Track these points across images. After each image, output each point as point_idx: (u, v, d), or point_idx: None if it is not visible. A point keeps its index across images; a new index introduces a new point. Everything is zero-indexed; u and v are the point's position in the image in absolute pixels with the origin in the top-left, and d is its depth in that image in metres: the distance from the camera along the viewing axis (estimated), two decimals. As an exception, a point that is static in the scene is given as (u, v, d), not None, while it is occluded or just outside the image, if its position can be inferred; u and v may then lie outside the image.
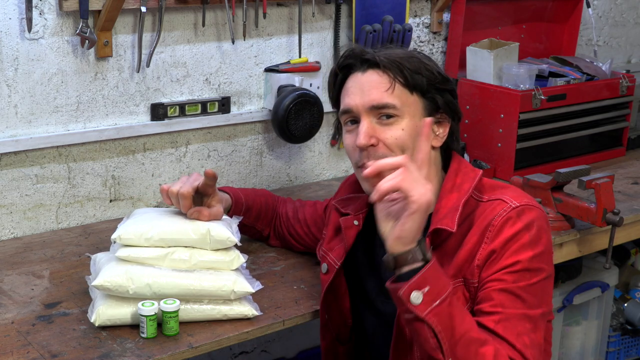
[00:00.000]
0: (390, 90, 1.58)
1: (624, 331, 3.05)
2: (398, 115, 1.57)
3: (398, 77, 1.58)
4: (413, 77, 1.58)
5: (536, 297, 1.47)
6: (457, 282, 1.51)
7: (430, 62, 1.63)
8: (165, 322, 1.65)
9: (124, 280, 1.65)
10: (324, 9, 2.69)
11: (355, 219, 1.72)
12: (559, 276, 2.67)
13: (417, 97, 1.59)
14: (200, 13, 2.39)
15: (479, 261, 1.49)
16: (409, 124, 1.58)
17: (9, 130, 2.17)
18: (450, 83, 1.65)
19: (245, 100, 2.58)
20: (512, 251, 1.47)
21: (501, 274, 1.47)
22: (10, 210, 2.22)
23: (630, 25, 3.70)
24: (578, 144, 2.95)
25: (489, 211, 1.53)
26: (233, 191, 1.98)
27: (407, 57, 1.61)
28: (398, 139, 1.57)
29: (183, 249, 1.72)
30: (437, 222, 1.54)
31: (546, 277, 1.50)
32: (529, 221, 1.49)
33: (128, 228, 1.72)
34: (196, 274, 1.70)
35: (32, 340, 1.64)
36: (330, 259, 1.74)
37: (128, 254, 1.69)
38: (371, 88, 1.59)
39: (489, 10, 3.06)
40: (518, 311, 1.45)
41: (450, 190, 1.59)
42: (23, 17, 2.10)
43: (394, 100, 1.57)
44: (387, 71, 1.59)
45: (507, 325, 1.44)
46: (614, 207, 2.20)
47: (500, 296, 1.46)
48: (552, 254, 1.55)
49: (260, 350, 2.82)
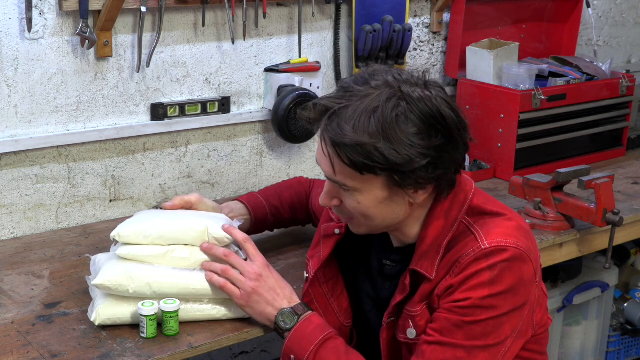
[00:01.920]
0: (334, 171, 1.46)
1: (624, 331, 3.05)
2: (352, 189, 1.48)
3: (339, 158, 1.43)
4: (355, 162, 1.41)
5: (484, 329, 1.46)
6: (422, 306, 1.54)
7: (394, 139, 1.38)
8: (165, 322, 1.65)
9: (124, 279, 1.65)
10: (324, 9, 2.68)
11: (337, 227, 1.69)
12: (559, 276, 2.67)
13: (370, 175, 1.44)
14: (200, 13, 2.39)
15: (439, 291, 1.51)
16: (366, 198, 1.48)
17: (9, 130, 2.17)
18: (426, 156, 1.40)
19: (245, 100, 2.58)
20: (468, 287, 1.46)
21: (452, 305, 1.48)
22: (10, 210, 2.22)
23: (630, 25, 3.70)
24: (578, 144, 2.95)
25: (461, 245, 1.50)
26: (250, 200, 2.00)
27: (354, 141, 1.39)
28: (356, 209, 1.51)
29: (183, 247, 1.72)
30: (417, 261, 1.53)
31: (501, 314, 1.46)
32: (494, 262, 1.45)
33: (127, 226, 1.72)
34: (196, 273, 1.70)
35: (32, 340, 1.64)
36: (309, 267, 1.74)
37: (128, 252, 1.69)
38: (321, 160, 1.49)
39: (489, 10, 3.06)
40: (453, 340, 1.46)
41: (438, 216, 1.54)
42: (23, 17, 2.10)
43: (340, 179, 1.47)
44: (329, 151, 1.45)
45: (436, 349, 1.47)
46: (614, 207, 2.20)
47: (443, 323, 1.48)
48: (521, 291, 1.48)
49: (260, 350, 2.82)
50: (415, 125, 1.40)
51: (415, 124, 1.40)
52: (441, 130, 1.42)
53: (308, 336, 1.56)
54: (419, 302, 1.54)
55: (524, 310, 1.51)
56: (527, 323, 1.54)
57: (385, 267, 1.67)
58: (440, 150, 1.43)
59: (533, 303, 1.54)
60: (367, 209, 1.50)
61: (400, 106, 1.40)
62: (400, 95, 1.42)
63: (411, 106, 1.40)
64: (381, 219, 1.52)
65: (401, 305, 1.58)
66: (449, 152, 1.45)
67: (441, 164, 1.44)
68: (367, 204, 1.49)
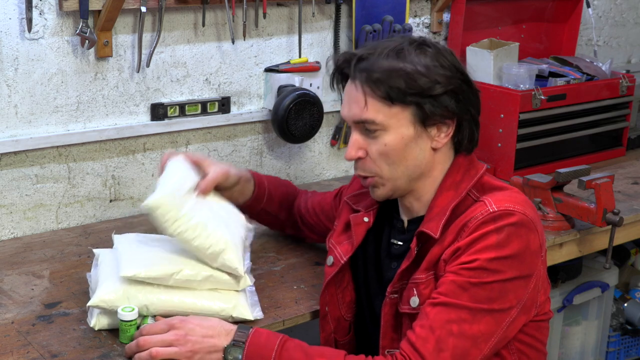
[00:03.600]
0: (366, 107, 1.55)
1: (624, 331, 3.05)
2: (380, 129, 1.55)
3: (373, 92, 1.54)
4: (388, 90, 1.52)
5: (489, 293, 1.47)
6: (428, 275, 1.55)
7: (420, 65, 1.52)
8: (124, 331, 1.61)
9: (121, 300, 1.62)
10: (324, 9, 2.69)
11: (366, 215, 1.73)
12: (558, 276, 2.67)
13: (399, 108, 1.54)
14: (200, 13, 2.39)
15: (446, 256, 1.52)
16: (393, 137, 1.55)
17: (9, 130, 2.17)
18: (450, 84, 1.54)
19: (245, 100, 2.58)
20: (475, 250, 1.48)
21: (458, 268, 1.49)
22: (10, 210, 2.22)
23: (630, 25, 3.70)
24: (578, 144, 2.95)
25: (469, 212, 1.54)
26: (258, 177, 2.00)
27: (387, 69, 1.53)
28: (382, 154, 1.57)
29: (190, 266, 1.67)
30: (425, 224, 1.58)
31: (506, 279, 1.48)
32: (502, 225, 1.49)
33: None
34: (197, 294, 1.67)
35: (32, 340, 1.64)
36: (337, 253, 1.76)
37: (134, 274, 1.63)
38: (353, 102, 1.57)
39: (489, 10, 3.06)
40: (458, 301, 1.46)
41: (448, 187, 1.60)
42: (23, 17, 2.10)
43: (371, 115, 1.55)
44: (361, 85, 1.55)
45: (440, 310, 1.47)
46: (614, 207, 2.20)
47: (449, 286, 1.48)
48: (527, 260, 1.51)
49: (260, 350, 2.82)
50: (437, 60, 1.54)
51: (439, 60, 1.55)
52: (460, 71, 1.57)
53: (264, 345, 1.51)
54: (425, 270, 1.55)
55: (530, 282, 1.52)
56: (532, 300, 1.55)
57: (393, 247, 1.70)
58: (462, 83, 1.57)
59: (538, 279, 1.55)
60: (393, 152, 1.56)
61: (423, 48, 1.56)
62: (422, 41, 1.58)
63: (433, 49, 1.56)
64: (405, 166, 1.58)
65: (407, 275, 1.59)
66: (469, 89, 1.58)
67: (461, 98, 1.56)
68: (394, 145, 1.56)
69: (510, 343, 1.57)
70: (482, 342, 1.47)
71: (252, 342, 1.52)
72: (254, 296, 1.81)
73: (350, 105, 1.59)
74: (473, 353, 1.46)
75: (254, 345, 1.52)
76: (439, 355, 1.44)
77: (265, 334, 1.54)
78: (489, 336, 1.48)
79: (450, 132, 1.59)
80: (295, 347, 1.52)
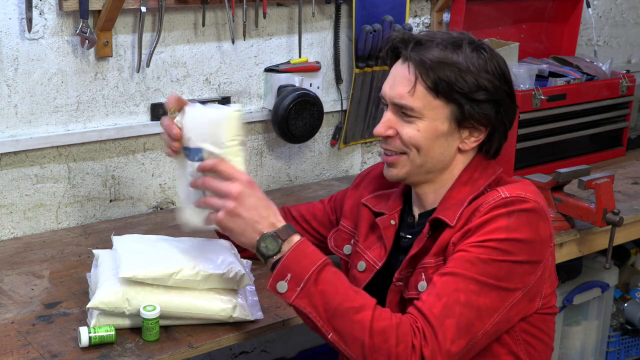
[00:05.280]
0: (412, 92, 1.56)
1: (624, 331, 3.05)
2: (417, 116, 1.57)
3: (423, 79, 1.56)
4: (439, 83, 1.55)
5: (497, 271, 1.47)
6: (438, 260, 1.55)
7: (473, 65, 1.54)
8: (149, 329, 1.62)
9: (120, 302, 1.62)
10: (324, 9, 2.69)
11: (391, 218, 1.73)
12: (559, 276, 2.66)
13: (442, 102, 1.56)
14: (200, 13, 2.39)
15: (455, 239, 1.53)
16: (426, 127, 1.57)
17: (9, 130, 2.17)
18: (495, 94, 1.56)
19: (245, 100, 2.58)
20: (486, 231, 1.49)
21: (468, 246, 1.49)
22: (10, 210, 2.22)
23: (630, 25, 3.70)
24: (578, 144, 2.95)
25: (481, 198, 1.56)
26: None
27: (442, 60, 1.55)
28: (412, 138, 1.58)
29: (190, 267, 1.66)
30: (441, 212, 1.59)
31: (515, 261, 1.48)
32: (513, 210, 1.50)
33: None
34: (196, 294, 1.67)
35: (32, 340, 1.64)
36: (369, 258, 1.74)
37: (133, 275, 1.63)
38: (398, 83, 1.59)
39: (489, 10, 3.06)
40: (466, 272, 1.46)
41: (465, 182, 1.62)
42: (23, 17, 2.10)
43: (413, 102, 1.56)
44: (415, 70, 1.56)
45: (448, 279, 1.46)
46: (614, 207, 2.20)
47: (457, 261, 1.48)
48: (536, 247, 1.52)
49: (260, 350, 2.82)
50: (489, 65, 1.56)
51: (491, 65, 1.57)
52: (507, 82, 1.59)
53: (309, 256, 1.47)
54: (435, 255, 1.56)
55: (537, 269, 1.52)
56: (537, 288, 1.54)
57: (402, 240, 1.70)
58: (506, 96, 1.59)
59: (546, 269, 1.55)
60: (423, 139, 1.58)
61: (480, 51, 1.57)
62: (480, 43, 1.60)
63: (489, 53, 1.58)
64: (430, 155, 1.59)
65: (415, 262, 1.59)
66: (511, 103, 1.61)
67: (502, 110, 1.58)
68: (426, 134, 1.57)
69: (517, 333, 1.57)
70: (485, 316, 1.46)
71: (300, 246, 1.47)
72: (254, 296, 1.81)
73: (394, 85, 1.59)
74: (477, 325, 1.45)
75: (300, 250, 1.47)
76: (444, 321, 1.42)
77: (312, 248, 1.49)
78: (492, 311, 1.47)
79: (481, 138, 1.61)
80: (334, 273, 1.48)
